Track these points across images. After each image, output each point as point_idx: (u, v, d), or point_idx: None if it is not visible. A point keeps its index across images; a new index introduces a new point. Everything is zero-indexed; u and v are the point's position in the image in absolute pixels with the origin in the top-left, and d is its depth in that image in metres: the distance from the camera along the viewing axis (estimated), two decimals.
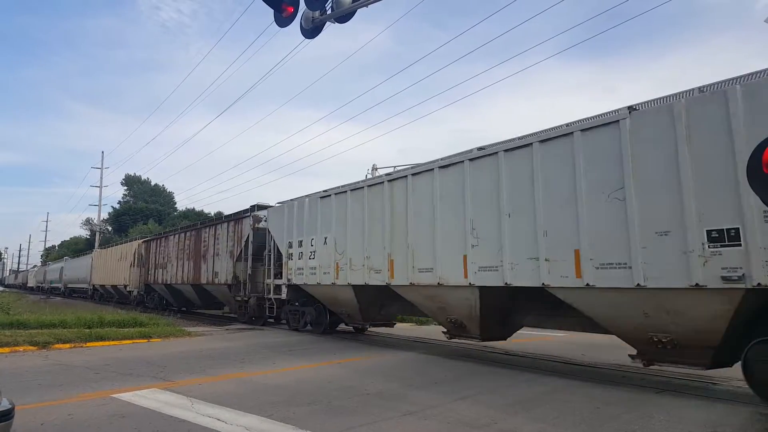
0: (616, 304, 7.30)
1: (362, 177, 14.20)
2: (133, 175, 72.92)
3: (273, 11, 8.32)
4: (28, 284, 68.89)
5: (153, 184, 72.94)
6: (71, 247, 72.32)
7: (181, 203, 73.11)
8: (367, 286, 11.68)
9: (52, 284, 51.69)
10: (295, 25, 8.43)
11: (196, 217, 49.90)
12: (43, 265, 67.39)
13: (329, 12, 8.24)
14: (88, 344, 11.32)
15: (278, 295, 15.26)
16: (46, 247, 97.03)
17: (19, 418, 4.25)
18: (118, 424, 5.28)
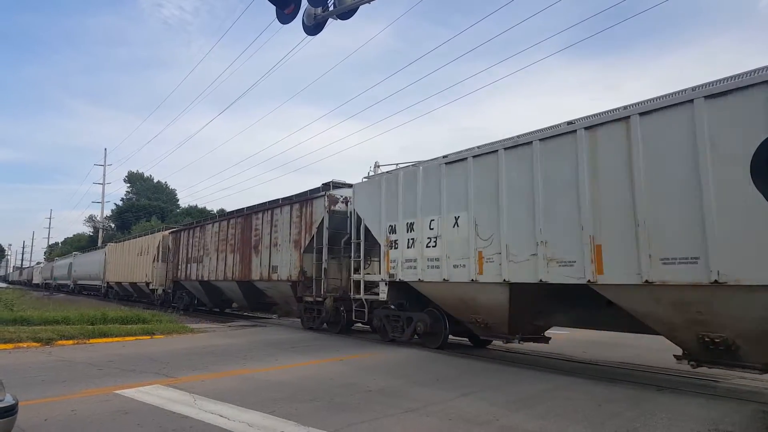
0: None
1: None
2: (135, 173, 73.16)
3: (275, 8, 8.31)
4: (34, 281, 67.02)
5: (156, 181, 73.16)
6: (74, 244, 72.49)
7: (184, 200, 73.25)
8: (529, 285, 8.55)
9: (60, 281, 49.17)
10: (297, 22, 8.43)
11: (199, 215, 49.67)
12: (50, 261, 65.10)
13: (331, 9, 8.23)
14: (91, 341, 11.37)
15: (371, 295, 12.18)
16: (50, 244, 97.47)
17: (22, 414, 4.28)
18: (121, 420, 5.30)
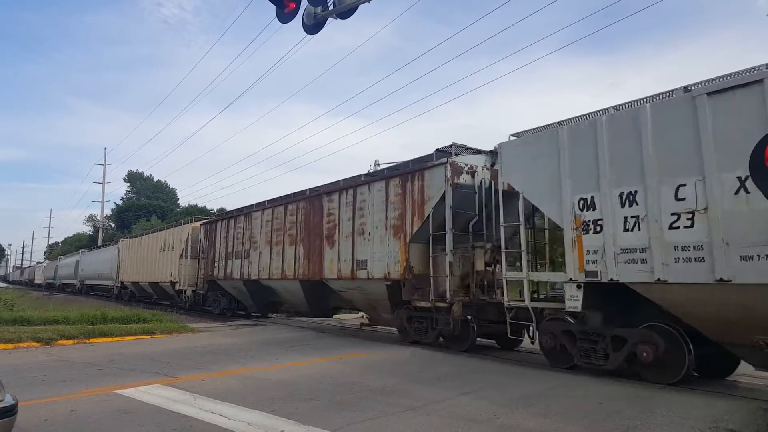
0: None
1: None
2: (135, 172, 73.10)
3: (275, 7, 8.30)
4: (36, 281, 64.08)
5: (156, 180, 73.08)
6: (74, 244, 72.42)
7: (184, 199, 73.10)
8: None
9: (65, 281, 46.19)
10: (297, 21, 8.41)
11: (200, 214, 49.17)
12: (53, 260, 62.09)
13: (331, 8, 8.22)
14: (92, 340, 11.36)
15: (543, 303, 9.04)
16: (50, 243, 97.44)
17: (22, 414, 4.28)
18: (122, 419, 5.30)
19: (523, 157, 9.04)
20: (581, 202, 8.01)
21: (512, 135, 9.52)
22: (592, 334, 7.96)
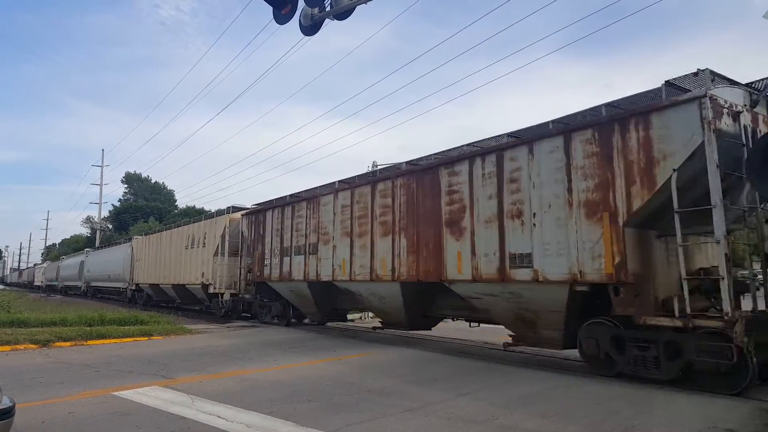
0: None
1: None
2: (133, 173, 72.92)
3: (272, 9, 8.29)
4: (35, 282, 61.55)
5: (153, 181, 72.93)
6: (72, 245, 72.29)
7: (182, 201, 73.12)
8: None
9: (68, 282, 43.19)
10: (294, 23, 8.40)
11: (198, 215, 48.78)
12: (55, 261, 59.70)
13: (328, 9, 8.21)
14: (89, 342, 11.32)
15: None
16: (47, 245, 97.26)
17: (20, 416, 4.27)
18: (119, 421, 5.29)
19: None
20: None
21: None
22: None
